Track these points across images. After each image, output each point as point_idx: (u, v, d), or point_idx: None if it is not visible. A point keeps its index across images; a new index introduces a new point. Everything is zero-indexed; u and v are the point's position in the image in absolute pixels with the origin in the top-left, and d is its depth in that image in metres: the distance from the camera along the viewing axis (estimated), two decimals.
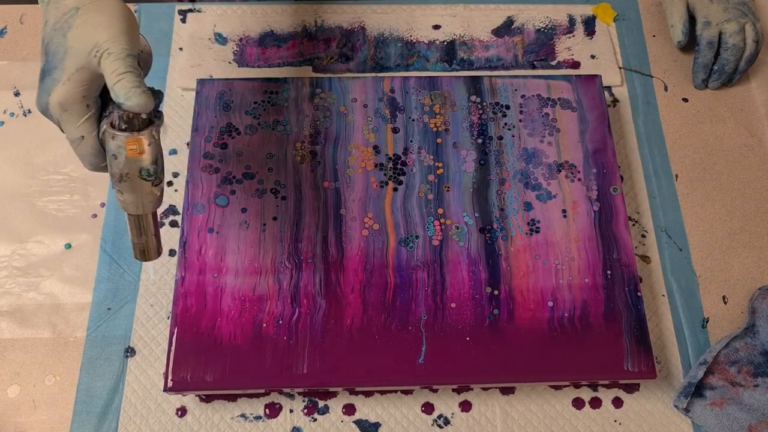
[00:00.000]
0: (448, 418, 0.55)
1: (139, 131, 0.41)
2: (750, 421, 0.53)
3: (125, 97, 0.39)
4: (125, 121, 0.41)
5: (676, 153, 0.67)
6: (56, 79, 0.41)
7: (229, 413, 0.55)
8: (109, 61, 0.40)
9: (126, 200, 0.43)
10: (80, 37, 0.41)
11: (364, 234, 0.56)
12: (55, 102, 0.41)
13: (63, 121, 0.42)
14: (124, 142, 0.41)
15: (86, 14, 0.42)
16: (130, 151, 0.41)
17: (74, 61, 0.41)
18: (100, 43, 0.41)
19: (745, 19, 0.67)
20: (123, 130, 0.41)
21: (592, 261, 0.56)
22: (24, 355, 0.56)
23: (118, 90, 0.40)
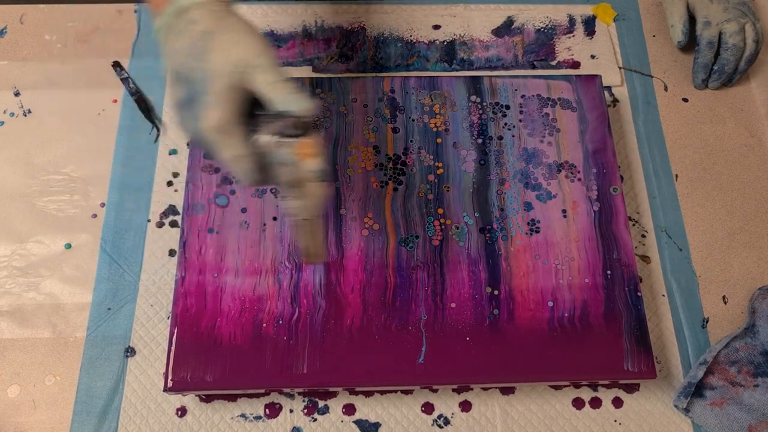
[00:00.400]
0: (448, 418, 0.55)
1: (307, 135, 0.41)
2: (750, 421, 0.53)
3: (292, 104, 0.40)
4: (296, 126, 0.41)
5: (676, 153, 0.67)
6: (206, 104, 0.41)
7: (229, 413, 0.55)
8: (262, 74, 0.41)
9: (300, 206, 0.43)
10: (223, 58, 0.41)
11: (364, 234, 0.56)
12: (210, 126, 0.41)
13: (220, 143, 0.41)
14: (296, 147, 0.41)
15: (222, 35, 0.41)
16: (304, 155, 0.41)
17: (222, 83, 0.40)
18: (246, 59, 0.41)
19: (745, 19, 0.67)
20: (293, 136, 0.41)
21: (592, 261, 0.56)
22: (24, 355, 0.56)
23: (282, 98, 0.40)
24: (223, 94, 0.41)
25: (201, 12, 0.42)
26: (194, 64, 0.41)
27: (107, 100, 0.67)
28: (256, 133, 0.42)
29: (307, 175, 0.41)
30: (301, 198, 0.42)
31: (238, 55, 0.41)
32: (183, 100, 0.42)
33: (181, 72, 0.42)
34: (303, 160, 0.41)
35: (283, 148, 0.41)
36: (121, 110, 0.67)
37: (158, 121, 0.66)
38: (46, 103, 0.67)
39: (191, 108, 0.42)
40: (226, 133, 0.41)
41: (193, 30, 0.42)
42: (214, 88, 0.41)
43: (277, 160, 0.41)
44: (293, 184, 0.42)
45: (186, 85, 0.42)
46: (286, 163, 0.41)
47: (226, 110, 0.41)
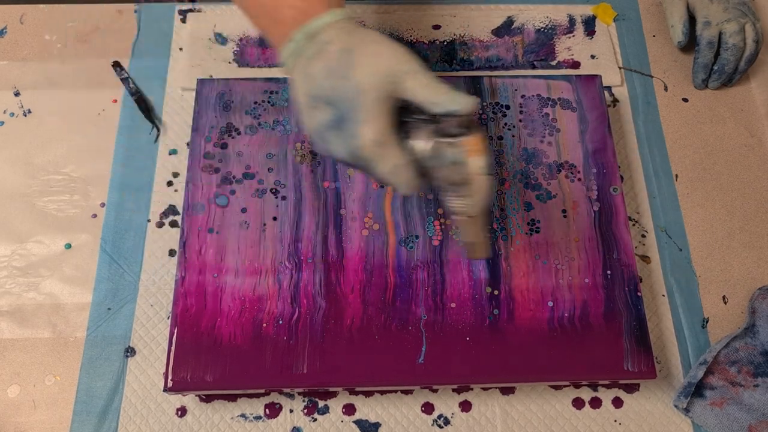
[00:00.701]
0: (448, 418, 0.55)
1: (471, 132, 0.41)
2: (750, 421, 0.53)
3: (455, 103, 0.39)
4: (463, 125, 0.40)
5: (676, 153, 0.67)
6: (360, 120, 0.40)
7: (229, 413, 0.55)
8: (417, 79, 0.40)
9: (469, 203, 0.42)
10: (369, 73, 0.40)
11: (364, 234, 0.56)
12: (369, 141, 0.40)
13: (379, 156, 0.41)
14: (465, 145, 0.40)
15: (362, 49, 0.41)
16: (473, 151, 0.40)
17: (373, 96, 0.40)
18: (394, 68, 0.40)
19: (745, 19, 0.67)
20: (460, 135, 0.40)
21: (592, 261, 0.56)
22: (24, 355, 0.56)
23: (444, 99, 0.40)
24: (376, 107, 0.40)
25: (333, 32, 0.42)
26: (338, 83, 0.41)
27: (107, 100, 0.67)
28: (411, 138, 0.42)
29: (476, 170, 0.41)
30: (468, 196, 0.42)
31: (384, 65, 0.40)
32: (328, 123, 0.41)
33: (322, 94, 0.41)
34: (471, 157, 0.40)
35: (451, 149, 0.40)
36: (121, 110, 0.67)
37: (158, 121, 0.66)
38: (46, 103, 0.67)
39: (340, 129, 0.41)
40: (384, 146, 0.40)
41: (330, 50, 0.41)
42: (366, 103, 0.40)
43: (442, 161, 0.41)
44: (460, 183, 0.41)
45: (330, 107, 0.41)
46: (453, 163, 0.41)
47: (382, 123, 0.40)
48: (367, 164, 0.41)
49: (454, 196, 0.42)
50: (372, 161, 0.41)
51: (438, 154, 0.41)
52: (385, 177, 0.42)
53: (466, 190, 0.42)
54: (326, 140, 0.42)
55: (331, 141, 0.42)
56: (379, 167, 0.41)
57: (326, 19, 0.42)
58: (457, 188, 0.42)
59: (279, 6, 0.43)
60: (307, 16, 0.42)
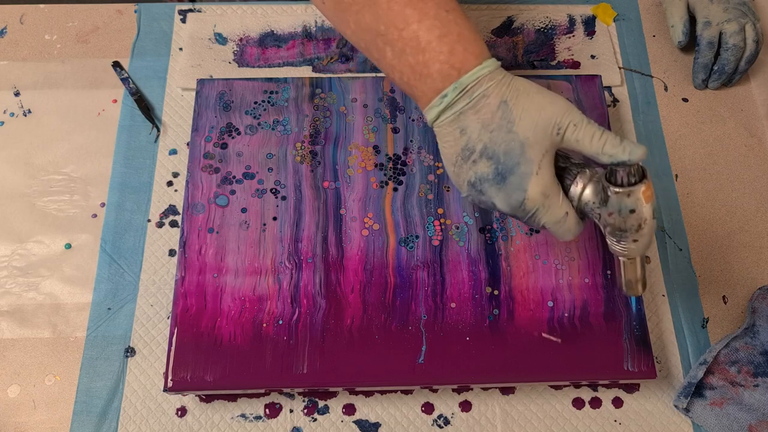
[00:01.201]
0: (448, 418, 0.55)
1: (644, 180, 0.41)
2: (750, 421, 0.53)
3: (627, 153, 0.40)
4: (634, 174, 0.41)
5: (676, 153, 0.67)
6: (527, 174, 0.40)
7: (229, 413, 0.55)
8: (582, 130, 0.40)
9: (638, 246, 0.43)
10: (533, 125, 0.40)
11: (364, 234, 0.56)
12: (536, 194, 0.40)
13: (546, 207, 0.41)
14: (640, 193, 0.41)
15: (521, 102, 0.41)
16: (648, 197, 0.41)
17: (539, 149, 0.40)
18: (557, 119, 0.40)
19: (745, 20, 0.67)
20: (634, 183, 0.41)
21: (592, 261, 0.56)
22: (24, 355, 0.56)
23: (614, 150, 0.40)
24: (540, 159, 0.40)
25: (488, 84, 0.41)
26: (500, 137, 0.41)
27: (107, 100, 0.67)
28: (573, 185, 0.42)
29: (649, 216, 0.41)
30: (643, 238, 0.42)
31: (547, 117, 0.40)
32: (489, 177, 0.41)
33: (480, 148, 0.41)
34: (645, 204, 0.41)
35: (626, 198, 0.41)
36: (121, 110, 0.67)
37: (158, 121, 0.66)
38: (46, 103, 0.67)
39: (504, 183, 0.41)
40: (550, 198, 0.41)
41: (486, 103, 0.41)
42: (531, 157, 0.40)
43: (612, 209, 0.41)
44: (639, 228, 0.42)
45: (490, 161, 0.41)
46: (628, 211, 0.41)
47: (548, 175, 0.41)
48: (531, 215, 0.42)
49: (622, 241, 0.43)
50: (537, 212, 0.41)
51: (607, 203, 0.41)
52: (549, 226, 0.42)
53: (636, 236, 0.42)
54: (485, 193, 0.42)
55: (491, 194, 0.42)
56: (544, 218, 0.42)
57: (480, 72, 0.42)
58: (625, 234, 0.42)
59: (428, 62, 0.42)
60: (456, 71, 0.42)
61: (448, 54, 0.42)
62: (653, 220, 0.42)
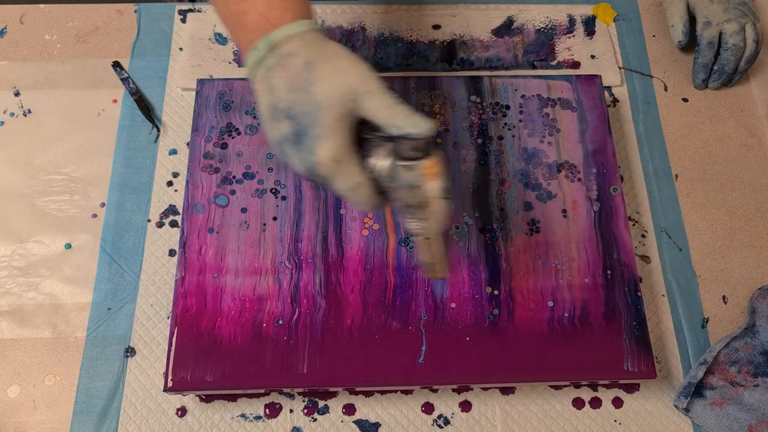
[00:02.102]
0: (448, 418, 0.55)
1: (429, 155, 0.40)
2: (750, 421, 0.53)
3: (414, 126, 0.39)
4: (419, 149, 0.40)
5: (676, 153, 0.67)
6: (318, 137, 0.39)
7: (229, 413, 0.55)
8: (375, 99, 0.40)
9: (426, 225, 0.42)
10: (330, 88, 0.40)
11: (364, 234, 0.56)
12: (325, 159, 0.40)
13: (336, 173, 0.40)
14: (422, 169, 0.40)
15: (324, 65, 0.40)
16: (431, 175, 0.40)
17: (332, 113, 0.39)
18: (354, 86, 0.40)
19: (745, 20, 0.67)
20: (417, 158, 0.40)
21: (592, 261, 0.56)
22: (24, 355, 0.56)
23: (402, 121, 0.39)
24: (335, 124, 0.39)
25: (297, 44, 0.41)
26: (298, 97, 0.40)
27: (107, 100, 0.67)
28: (371, 157, 0.41)
29: (434, 194, 0.41)
30: (425, 218, 0.42)
31: (345, 83, 0.40)
32: (288, 137, 0.41)
33: (283, 107, 0.41)
34: (429, 181, 0.40)
35: (408, 172, 0.40)
36: (121, 110, 0.67)
37: (158, 121, 0.66)
38: (46, 103, 0.67)
39: (300, 143, 0.40)
40: (342, 164, 0.40)
41: (292, 63, 0.40)
42: (325, 120, 0.39)
43: (399, 183, 0.41)
44: (417, 206, 0.41)
45: (290, 121, 0.40)
46: (411, 186, 0.40)
47: (340, 140, 0.40)
48: (327, 180, 0.41)
49: (411, 218, 0.42)
50: (329, 178, 0.40)
51: (395, 176, 0.41)
52: (344, 194, 0.41)
53: (423, 213, 0.41)
54: (286, 153, 0.41)
55: (289, 155, 0.41)
56: (337, 184, 0.41)
57: (290, 30, 0.41)
58: (414, 211, 0.41)
59: (246, 11, 0.42)
60: (271, 25, 0.41)
61: (265, 6, 0.41)
62: (442, 200, 0.41)
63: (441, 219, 0.42)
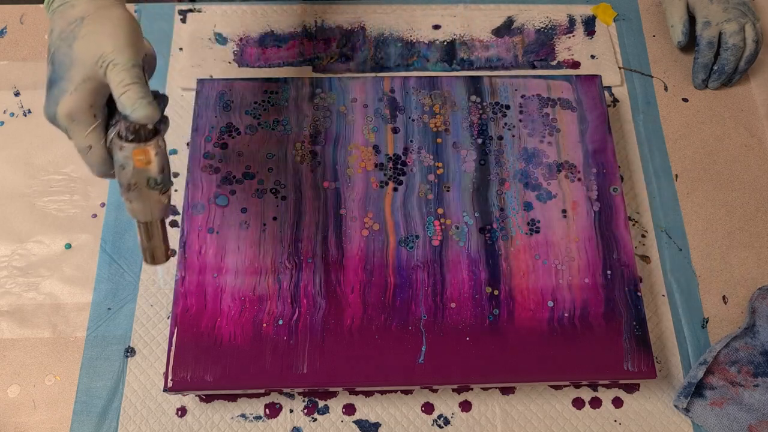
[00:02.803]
0: (448, 418, 0.55)
1: (146, 141, 0.41)
2: (750, 421, 0.53)
3: (132, 109, 0.40)
4: (132, 131, 0.41)
5: (676, 153, 0.67)
6: (63, 90, 0.41)
7: (229, 413, 0.55)
8: (115, 72, 0.40)
9: (135, 208, 0.43)
10: (86, 48, 0.41)
11: (364, 234, 0.56)
12: (62, 112, 0.41)
13: (71, 130, 0.42)
14: (131, 152, 0.41)
15: (91, 24, 0.41)
16: (138, 161, 0.41)
17: (80, 72, 0.41)
18: (106, 53, 0.40)
19: (745, 19, 0.67)
20: (130, 140, 0.41)
21: (592, 261, 0.56)
22: (24, 355, 0.56)
23: (125, 101, 0.40)
24: (78, 82, 0.41)
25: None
26: (63, 48, 0.41)
27: None
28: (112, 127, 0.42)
29: (138, 181, 0.42)
30: (136, 201, 0.43)
31: (98, 47, 0.41)
32: (47, 81, 0.42)
33: (51, 51, 0.42)
34: (137, 166, 0.41)
35: (119, 151, 0.41)
36: None
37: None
38: None
39: (50, 90, 0.41)
40: (76, 123, 0.41)
41: (70, 13, 0.42)
42: (73, 76, 0.41)
43: (114, 159, 0.42)
44: (128, 187, 0.42)
45: (53, 67, 0.42)
46: (123, 166, 0.41)
47: (80, 99, 0.41)
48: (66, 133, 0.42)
49: (125, 198, 0.43)
50: (67, 132, 0.42)
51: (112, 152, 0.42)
52: (78, 152, 0.42)
53: (129, 196, 0.42)
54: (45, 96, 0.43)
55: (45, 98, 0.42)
56: (73, 141, 0.42)
57: None
58: (123, 191, 0.42)
59: None
60: None
61: None
62: (149, 189, 0.42)
63: (148, 206, 0.43)
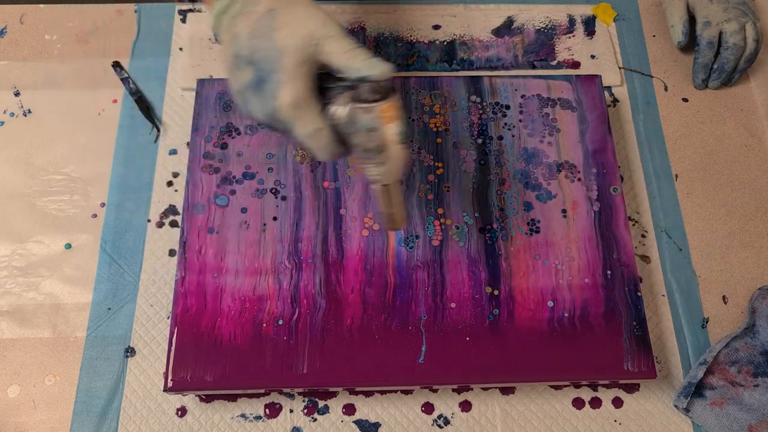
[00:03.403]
0: (448, 418, 0.55)
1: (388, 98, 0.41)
2: (750, 421, 0.53)
3: (371, 68, 0.40)
4: (376, 91, 0.40)
5: (676, 153, 0.67)
6: (279, 81, 0.40)
7: (229, 413, 0.55)
8: (334, 43, 0.41)
9: (383, 171, 0.43)
10: (291, 35, 0.41)
11: (364, 234, 0.56)
12: (286, 103, 0.40)
13: (296, 119, 0.41)
14: (379, 111, 0.41)
15: (286, 14, 0.41)
16: (388, 118, 0.41)
17: (293, 58, 0.40)
18: (314, 32, 0.41)
19: (745, 19, 0.67)
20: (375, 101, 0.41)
21: (592, 261, 0.56)
22: (24, 355, 0.56)
23: (359, 64, 0.40)
24: (296, 69, 0.40)
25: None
26: (260, 44, 0.41)
27: (107, 100, 0.67)
28: (331, 105, 0.42)
29: (391, 138, 0.41)
30: (383, 163, 0.42)
31: (306, 29, 0.41)
32: (250, 84, 0.42)
33: (245, 55, 0.42)
34: (386, 124, 0.41)
35: (366, 114, 0.41)
36: (121, 110, 0.67)
37: (158, 121, 0.66)
38: (46, 103, 0.67)
39: (261, 90, 0.41)
40: (302, 109, 0.41)
41: (255, 10, 0.42)
42: (286, 65, 0.40)
43: (358, 127, 0.41)
44: (375, 150, 0.42)
45: (252, 68, 0.41)
46: (368, 129, 0.41)
47: (300, 85, 0.41)
48: (285, 127, 0.42)
49: (370, 164, 0.43)
50: (289, 123, 0.41)
51: (354, 120, 0.41)
52: (304, 141, 0.42)
53: (381, 158, 0.42)
54: (247, 101, 0.42)
55: (251, 102, 0.42)
56: (297, 130, 0.41)
57: None
58: (372, 156, 0.42)
59: None
60: None
61: None
62: (400, 145, 0.42)
63: (398, 164, 0.43)
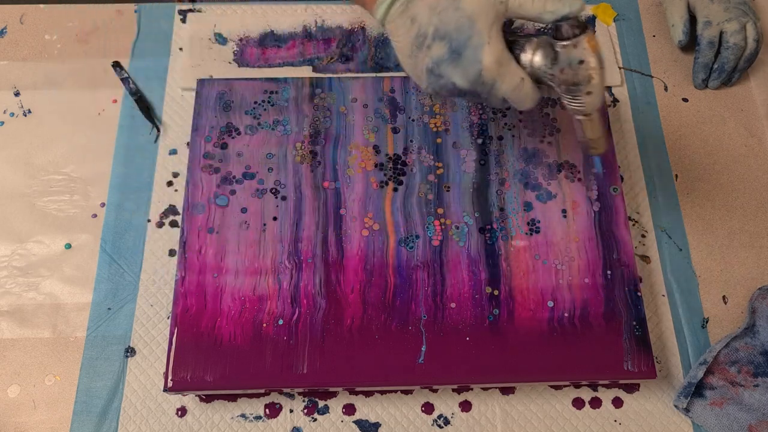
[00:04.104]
0: (448, 418, 0.55)
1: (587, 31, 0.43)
2: (750, 421, 0.53)
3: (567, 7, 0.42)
4: (577, 26, 0.43)
5: (676, 153, 0.67)
6: (478, 45, 0.42)
7: (229, 413, 0.55)
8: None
9: (593, 99, 0.45)
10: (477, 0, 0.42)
11: (364, 234, 0.56)
12: (490, 63, 0.42)
13: (501, 75, 0.43)
14: (585, 43, 0.43)
15: None
16: (593, 47, 0.43)
17: (486, 20, 0.42)
18: None
19: (745, 19, 0.67)
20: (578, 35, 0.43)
21: (592, 261, 0.56)
22: (24, 355, 0.56)
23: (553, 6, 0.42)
24: (490, 30, 0.42)
25: None
26: (447, 17, 0.43)
27: (107, 100, 0.67)
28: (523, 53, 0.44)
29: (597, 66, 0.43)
30: (590, 93, 0.44)
31: None
32: (445, 57, 0.43)
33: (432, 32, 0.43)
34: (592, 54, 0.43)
35: (574, 50, 0.43)
36: (121, 110, 0.67)
37: (158, 121, 0.66)
38: (46, 103, 0.67)
39: (460, 59, 0.43)
40: (504, 65, 0.43)
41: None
42: (481, 29, 0.42)
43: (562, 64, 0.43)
44: (584, 81, 0.44)
45: (443, 41, 0.43)
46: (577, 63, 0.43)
47: (499, 43, 0.43)
48: (490, 88, 0.44)
49: (573, 98, 0.45)
50: (496, 82, 0.43)
51: (557, 60, 0.43)
52: (508, 95, 0.44)
53: (588, 87, 0.44)
54: (444, 75, 0.44)
55: (449, 73, 0.44)
56: (502, 87, 0.44)
57: None
58: (579, 88, 0.44)
59: None
60: None
61: None
62: (602, 70, 0.44)
63: (602, 91, 0.45)
